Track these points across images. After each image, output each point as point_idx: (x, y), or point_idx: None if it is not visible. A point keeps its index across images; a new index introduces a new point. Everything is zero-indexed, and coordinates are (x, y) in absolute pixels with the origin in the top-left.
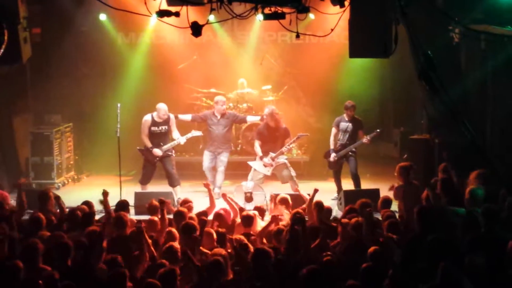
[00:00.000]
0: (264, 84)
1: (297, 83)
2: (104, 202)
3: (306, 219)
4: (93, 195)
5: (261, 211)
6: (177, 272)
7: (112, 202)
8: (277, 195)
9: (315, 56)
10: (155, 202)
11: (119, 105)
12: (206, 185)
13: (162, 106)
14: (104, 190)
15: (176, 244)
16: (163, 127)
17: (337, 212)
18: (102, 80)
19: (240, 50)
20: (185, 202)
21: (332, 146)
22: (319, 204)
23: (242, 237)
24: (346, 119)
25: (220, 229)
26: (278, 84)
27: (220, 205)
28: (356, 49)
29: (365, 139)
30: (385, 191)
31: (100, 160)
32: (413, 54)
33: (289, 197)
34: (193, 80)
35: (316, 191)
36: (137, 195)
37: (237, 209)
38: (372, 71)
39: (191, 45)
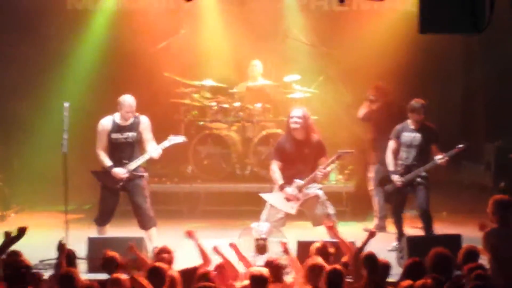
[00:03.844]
0: (288, 73)
1: (338, 71)
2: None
3: (350, 279)
4: (25, 242)
5: (277, 269)
6: None
7: (52, 253)
8: (305, 242)
9: (366, 31)
10: (112, 254)
11: (66, 105)
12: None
13: (127, 99)
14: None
15: None
16: (130, 134)
17: (397, 270)
18: (42, 64)
19: (250, 21)
20: (163, 252)
21: (390, 168)
22: (371, 258)
23: None
24: (412, 127)
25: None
26: (309, 73)
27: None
28: (430, 20)
29: (441, 159)
30: (470, 239)
31: (36, 188)
32: None
33: (327, 247)
34: (179, 66)
35: (372, 234)
36: (92, 242)
37: (238, 269)
38: (452, 56)
39: (178, 12)
